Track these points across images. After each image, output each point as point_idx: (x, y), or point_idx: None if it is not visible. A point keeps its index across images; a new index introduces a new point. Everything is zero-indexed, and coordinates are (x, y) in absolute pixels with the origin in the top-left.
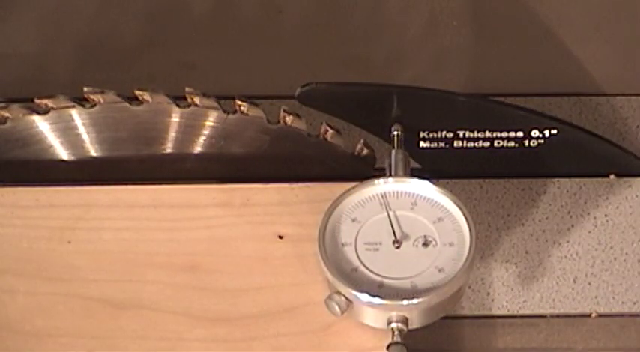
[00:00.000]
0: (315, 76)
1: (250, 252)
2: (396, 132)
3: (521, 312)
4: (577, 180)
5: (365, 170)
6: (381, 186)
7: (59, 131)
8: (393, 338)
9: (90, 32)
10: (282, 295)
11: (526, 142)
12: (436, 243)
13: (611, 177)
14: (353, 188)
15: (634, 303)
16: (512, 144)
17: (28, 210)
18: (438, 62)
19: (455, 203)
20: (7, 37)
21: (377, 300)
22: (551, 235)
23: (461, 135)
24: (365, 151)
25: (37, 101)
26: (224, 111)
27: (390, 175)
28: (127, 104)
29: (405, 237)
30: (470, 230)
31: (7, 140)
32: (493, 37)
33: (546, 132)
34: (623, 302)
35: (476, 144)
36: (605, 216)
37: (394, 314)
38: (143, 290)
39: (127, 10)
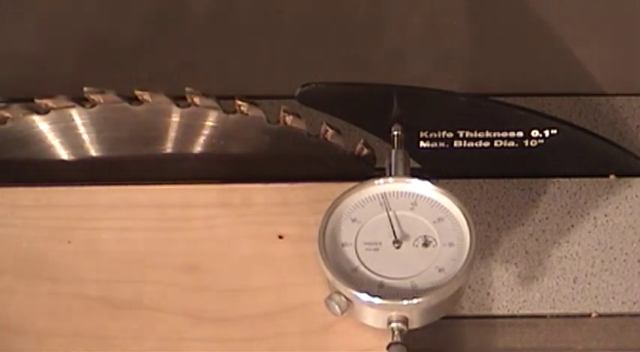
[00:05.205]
0: (315, 76)
1: (250, 252)
2: (396, 132)
3: (521, 312)
4: (577, 180)
5: (365, 170)
6: (381, 186)
7: (59, 131)
8: (393, 338)
9: (90, 32)
10: (282, 295)
11: (526, 142)
12: (436, 243)
13: (611, 177)
14: (353, 188)
15: (634, 303)
16: (512, 144)
17: (28, 210)
18: (438, 62)
19: (455, 203)
20: (7, 37)
21: (377, 300)
22: (551, 235)
23: (461, 135)
24: (365, 151)
25: (37, 101)
26: (224, 111)
27: (390, 175)
28: (127, 104)
29: (405, 237)
30: (470, 230)
31: (7, 140)
32: (493, 37)
33: (546, 132)
34: (623, 302)
35: (476, 144)
36: (605, 216)
37: (394, 314)
38: (143, 290)
39: (127, 10)
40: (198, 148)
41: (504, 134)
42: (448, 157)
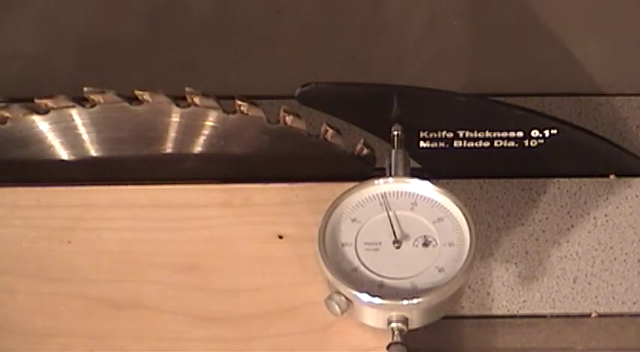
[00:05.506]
0: (315, 76)
1: (250, 252)
2: (396, 132)
3: (521, 312)
4: (577, 180)
5: (365, 170)
6: (381, 186)
7: (59, 131)
8: (393, 338)
9: (90, 32)
10: (282, 295)
11: (526, 142)
12: (436, 243)
13: (611, 177)
14: (353, 188)
15: (634, 303)
16: (512, 144)
17: (28, 210)
18: (438, 62)
19: (455, 203)
20: (7, 37)
21: (377, 300)
22: (551, 235)
23: (461, 135)
24: (365, 151)
25: (37, 101)
26: (224, 111)
27: (390, 175)
28: (127, 104)
29: (405, 237)
30: (470, 230)
31: (7, 140)
32: (493, 37)
33: (546, 132)
34: (623, 302)
35: (476, 144)
36: (605, 216)
37: (394, 314)
38: (143, 290)
39: (127, 10)
40: (198, 148)
41: (504, 134)
42: (448, 157)
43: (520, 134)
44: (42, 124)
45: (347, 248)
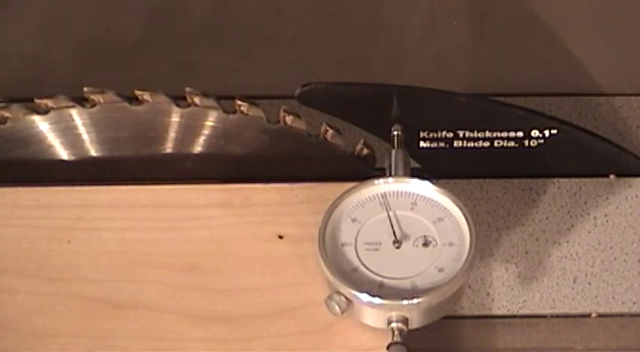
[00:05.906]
0: (315, 76)
1: (250, 252)
2: (396, 132)
3: (521, 312)
4: (577, 180)
5: (365, 170)
6: (381, 186)
7: (59, 131)
8: (393, 338)
9: (90, 32)
10: (282, 295)
11: (526, 142)
12: (436, 243)
13: (611, 177)
14: (353, 188)
15: (634, 303)
16: (512, 144)
17: (28, 210)
18: (438, 62)
19: (455, 203)
20: (7, 37)
21: (377, 300)
22: (551, 235)
23: (461, 135)
24: (365, 151)
25: (37, 101)
26: (224, 111)
27: (390, 175)
28: (127, 104)
29: (405, 237)
30: (470, 230)
31: (7, 140)
32: (493, 37)
33: (546, 132)
34: (623, 302)
35: (476, 144)
36: (605, 216)
37: (394, 314)
38: (143, 290)
39: (127, 10)
40: (198, 148)
41: (504, 134)
42: (448, 157)
43: (520, 134)
44: (42, 124)
45: (347, 248)
